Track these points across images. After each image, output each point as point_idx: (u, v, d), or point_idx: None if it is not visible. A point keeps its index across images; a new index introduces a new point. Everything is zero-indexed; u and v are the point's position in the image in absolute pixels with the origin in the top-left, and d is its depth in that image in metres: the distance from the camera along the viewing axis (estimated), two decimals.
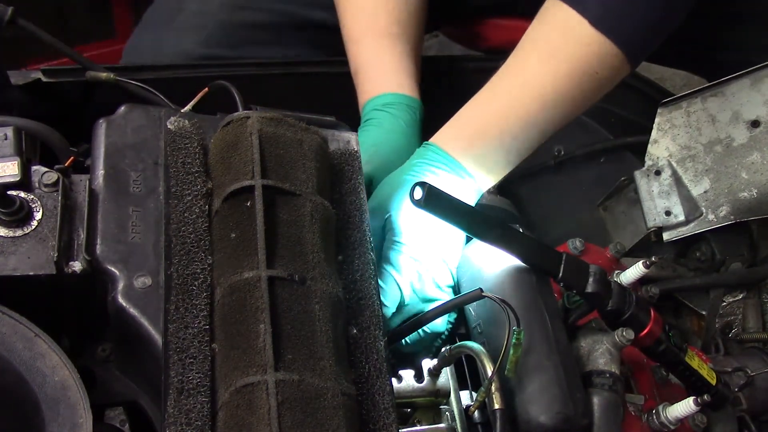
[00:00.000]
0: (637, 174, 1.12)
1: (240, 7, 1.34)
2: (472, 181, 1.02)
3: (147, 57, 1.35)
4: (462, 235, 0.99)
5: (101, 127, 0.83)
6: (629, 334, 0.85)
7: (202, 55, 1.32)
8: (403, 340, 0.94)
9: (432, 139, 1.05)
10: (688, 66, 1.45)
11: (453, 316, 0.98)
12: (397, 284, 0.93)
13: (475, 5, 1.46)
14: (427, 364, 0.88)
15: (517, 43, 1.07)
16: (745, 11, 1.23)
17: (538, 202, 1.26)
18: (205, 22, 1.35)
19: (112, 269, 0.75)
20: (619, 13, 1.02)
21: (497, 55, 1.46)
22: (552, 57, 1.02)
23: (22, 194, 0.78)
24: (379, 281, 0.86)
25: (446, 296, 0.97)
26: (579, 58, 1.02)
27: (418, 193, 0.78)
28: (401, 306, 0.94)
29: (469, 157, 1.02)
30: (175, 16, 1.37)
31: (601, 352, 0.86)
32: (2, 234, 0.76)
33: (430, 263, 0.96)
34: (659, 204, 1.10)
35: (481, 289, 0.83)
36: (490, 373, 0.80)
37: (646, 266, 0.92)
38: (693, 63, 1.41)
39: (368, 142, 1.09)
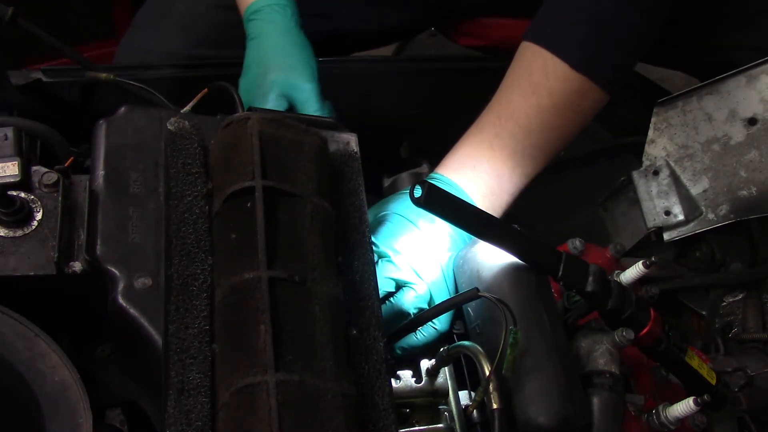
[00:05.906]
0: (635, 174, 1.11)
1: (228, 8, 1.34)
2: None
3: (136, 58, 1.35)
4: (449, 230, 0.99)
5: (101, 128, 0.83)
6: (629, 334, 0.85)
7: (189, 56, 1.31)
8: (410, 341, 0.94)
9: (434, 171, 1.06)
10: (682, 67, 1.45)
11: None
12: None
13: (470, 3, 1.46)
14: (425, 364, 0.88)
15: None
16: (734, 12, 1.23)
17: (538, 202, 1.26)
18: (193, 23, 1.35)
19: (112, 269, 0.75)
20: (597, 56, 1.04)
21: (495, 55, 1.47)
22: (534, 93, 1.04)
23: (23, 194, 0.78)
24: None
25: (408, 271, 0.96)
26: (561, 93, 1.03)
27: (418, 192, 0.78)
28: None
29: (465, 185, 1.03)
30: (163, 16, 1.37)
31: (601, 352, 0.86)
32: (2, 234, 0.77)
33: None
34: (658, 204, 1.09)
35: (477, 288, 0.83)
36: (487, 373, 0.80)
37: (646, 266, 0.92)
38: (687, 64, 1.41)
39: (258, 55, 1.13)
